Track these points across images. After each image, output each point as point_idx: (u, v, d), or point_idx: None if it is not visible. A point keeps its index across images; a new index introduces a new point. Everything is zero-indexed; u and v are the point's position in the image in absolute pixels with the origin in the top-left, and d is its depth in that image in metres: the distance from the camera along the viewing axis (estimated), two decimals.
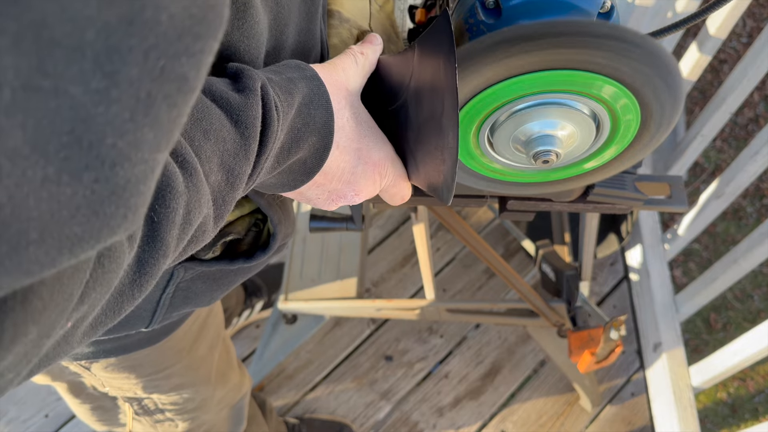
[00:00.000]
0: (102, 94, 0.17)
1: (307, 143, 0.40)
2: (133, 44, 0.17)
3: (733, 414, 1.43)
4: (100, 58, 0.17)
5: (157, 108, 0.19)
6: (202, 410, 0.79)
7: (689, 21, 0.50)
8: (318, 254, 1.28)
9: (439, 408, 1.37)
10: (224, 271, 0.52)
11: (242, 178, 0.34)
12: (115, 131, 0.18)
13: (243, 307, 1.39)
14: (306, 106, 0.40)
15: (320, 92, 0.41)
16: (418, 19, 0.60)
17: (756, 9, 2.10)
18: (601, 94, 0.42)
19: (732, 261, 1.15)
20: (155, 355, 0.63)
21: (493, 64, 0.39)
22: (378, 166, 0.46)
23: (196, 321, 0.67)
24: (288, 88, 0.38)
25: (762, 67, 1.06)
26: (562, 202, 0.66)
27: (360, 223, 0.77)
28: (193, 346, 0.69)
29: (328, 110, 0.41)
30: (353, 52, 0.46)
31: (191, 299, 0.53)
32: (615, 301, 1.52)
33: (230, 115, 0.33)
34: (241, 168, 0.34)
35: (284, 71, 0.40)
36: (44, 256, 0.17)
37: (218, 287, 0.54)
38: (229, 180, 0.33)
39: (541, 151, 0.44)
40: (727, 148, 1.85)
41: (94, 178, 0.18)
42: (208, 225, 0.33)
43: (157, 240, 0.28)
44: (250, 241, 0.52)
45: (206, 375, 0.75)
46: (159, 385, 0.69)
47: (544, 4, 0.43)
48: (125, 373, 0.64)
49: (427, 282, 1.09)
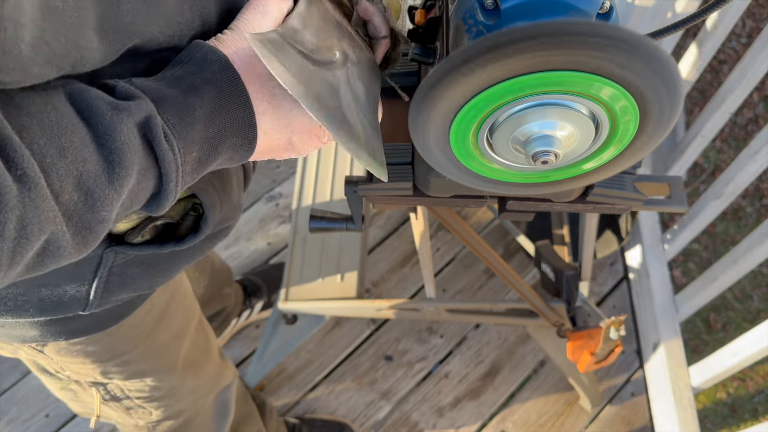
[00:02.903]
0: None
1: (227, 145, 0.40)
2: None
3: (733, 414, 1.43)
4: None
5: None
6: (174, 399, 0.79)
7: (689, 21, 0.50)
8: (318, 254, 1.28)
9: (439, 408, 1.37)
10: (158, 256, 0.52)
11: (104, 201, 0.34)
12: None
13: (242, 308, 1.39)
14: (218, 111, 0.39)
15: (234, 88, 0.39)
16: (417, 20, 0.60)
17: (756, 9, 2.10)
18: (600, 95, 0.42)
19: (731, 261, 1.15)
20: (107, 340, 0.63)
21: (492, 65, 0.40)
22: (313, 130, 0.46)
23: (153, 309, 0.67)
24: (186, 104, 0.37)
25: (761, 68, 1.06)
26: (562, 203, 0.66)
27: (360, 223, 0.77)
28: (151, 334, 0.68)
29: (246, 105, 0.40)
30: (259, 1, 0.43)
31: (128, 284, 0.53)
32: (615, 301, 1.52)
33: (96, 138, 0.33)
34: (102, 191, 0.33)
35: (186, 75, 0.38)
36: None
37: (156, 273, 0.54)
38: (87, 201, 0.33)
39: (540, 151, 0.44)
40: (726, 149, 1.85)
41: None
42: (62, 242, 0.33)
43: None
44: (189, 226, 0.52)
45: (169, 363, 0.74)
46: (117, 371, 0.69)
47: (543, 4, 0.43)
48: (79, 357, 0.64)
49: (427, 282, 1.09)
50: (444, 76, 0.41)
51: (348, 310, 1.24)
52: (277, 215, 1.62)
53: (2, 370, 1.38)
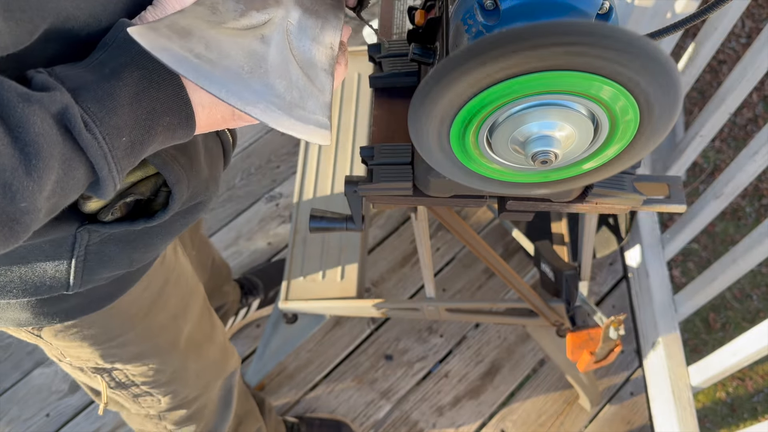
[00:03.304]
0: None
1: (161, 125, 0.39)
2: None
3: (732, 413, 1.43)
4: None
5: None
6: (179, 383, 0.78)
7: (688, 21, 0.50)
8: (318, 254, 1.28)
9: (439, 407, 1.38)
10: (134, 233, 0.52)
11: (23, 192, 0.34)
12: None
13: (239, 306, 1.39)
14: (144, 92, 0.38)
15: (158, 66, 0.38)
16: (417, 21, 0.61)
17: (755, 9, 2.10)
18: (600, 96, 0.42)
19: (731, 261, 1.15)
20: (103, 321, 0.63)
21: (492, 65, 0.40)
22: None
23: (148, 289, 0.67)
24: (108, 90, 0.37)
25: (761, 68, 1.07)
26: (561, 202, 0.66)
27: (360, 223, 0.78)
28: (148, 314, 0.68)
29: (175, 83, 0.39)
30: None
31: (107, 263, 0.53)
32: (614, 301, 1.52)
33: (9, 130, 0.33)
34: (21, 184, 0.34)
35: (108, 60, 0.38)
36: None
37: (134, 249, 0.54)
38: (7, 195, 0.33)
39: (540, 151, 0.44)
40: (726, 149, 1.85)
41: None
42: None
43: None
44: (163, 202, 0.52)
45: (169, 344, 0.74)
46: (116, 353, 0.68)
47: (542, 5, 0.43)
48: (77, 341, 0.64)
49: (427, 282, 1.09)
50: (444, 76, 0.41)
51: (348, 310, 1.25)
52: (277, 215, 1.62)
53: (3, 370, 1.38)
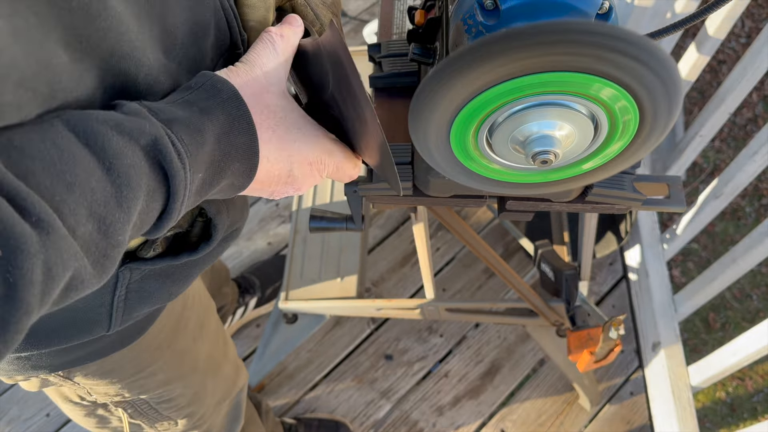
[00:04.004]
0: None
1: (230, 170, 0.40)
2: None
3: (732, 413, 1.43)
4: None
5: None
6: (197, 404, 0.78)
7: (688, 21, 0.50)
8: (318, 254, 1.28)
9: (439, 407, 1.38)
10: (174, 267, 0.52)
11: (116, 225, 0.34)
12: None
13: (236, 306, 1.39)
14: (225, 136, 0.39)
15: (241, 115, 0.40)
16: (417, 21, 0.61)
17: (755, 9, 2.10)
18: (600, 96, 0.42)
19: (731, 261, 1.15)
20: (133, 355, 0.63)
21: (492, 66, 0.40)
22: (314, 163, 0.46)
23: (171, 316, 0.66)
24: (197, 126, 0.37)
25: (760, 68, 1.07)
26: (561, 202, 0.66)
27: (360, 223, 0.78)
28: (173, 341, 0.68)
29: (251, 132, 0.40)
30: (270, 37, 0.44)
31: (147, 298, 0.53)
32: (614, 301, 1.52)
33: (102, 162, 0.33)
34: (114, 216, 0.33)
35: (197, 99, 0.38)
36: None
37: (173, 283, 0.54)
38: (101, 228, 0.33)
39: (540, 151, 0.44)
40: (725, 149, 1.85)
41: None
42: (85, 275, 0.33)
43: (16, 300, 0.28)
44: (198, 233, 0.51)
45: (192, 366, 0.74)
46: (144, 384, 0.68)
47: (542, 5, 0.43)
48: (107, 378, 0.64)
49: (427, 282, 1.09)
50: (444, 76, 0.41)
51: (348, 310, 1.25)
52: (277, 215, 1.62)
53: None
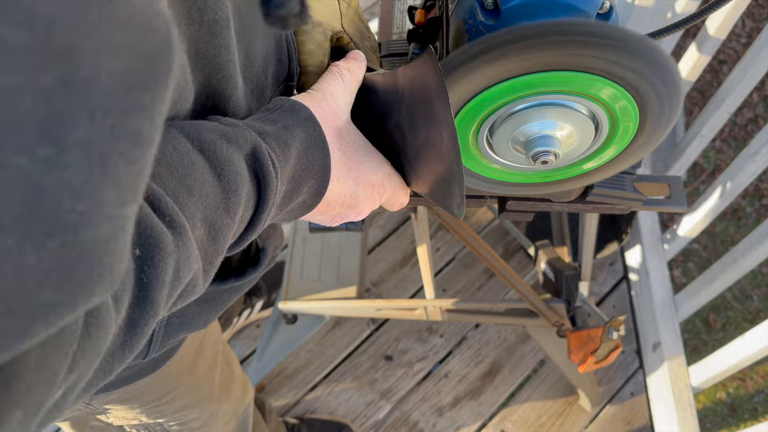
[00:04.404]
0: (51, 161, 0.17)
1: (305, 187, 0.41)
2: (76, 107, 0.17)
3: (733, 414, 1.43)
4: (44, 125, 0.16)
5: (114, 166, 0.19)
6: (209, 426, 0.79)
7: (689, 21, 0.50)
8: (318, 254, 1.28)
9: (439, 408, 1.38)
10: (217, 292, 0.52)
11: (224, 231, 0.34)
12: (72, 195, 0.18)
13: (243, 307, 1.39)
14: (304, 152, 0.40)
15: (316, 134, 0.41)
16: (417, 20, 0.61)
17: (755, 9, 2.10)
18: (600, 95, 0.42)
19: (731, 261, 1.15)
20: (156, 382, 0.63)
21: (492, 66, 0.40)
22: (377, 186, 0.47)
23: (193, 343, 0.67)
24: (284, 140, 0.39)
25: (761, 68, 1.07)
26: (562, 203, 0.66)
27: (360, 223, 0.77)
28: (193, 367, 0.68)
29: (325, 151, 0.42)
30: (339, 70, 0.46)
31: (186, 324, 0.53)
32: (614, 301, 1.52)
33: (214, 168, 0.33)
34: (222, 221, 0.34)
35: (279, 118, 0.40)
36: (16, 328, 0.17)
37: (212, 308, 0.54)
38: (210, 233, 0.33)
39: (540, 151, 0.44)
40: (726, 149, 1.85)
41: (59, 243, 0.18)
42: (198, 280, 0.33)
43: (147, 301, 0.28)
44: (239, 257, 0.52)
45: (209, 393, 0.75)
46: (163, 410, 0.68)
47: (543, 5, 0.43)
48: (129, 404, 0.64)
49: (427, 282, 1.09)
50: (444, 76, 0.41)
51: (348, 310, 1.24)
52: None
53: None
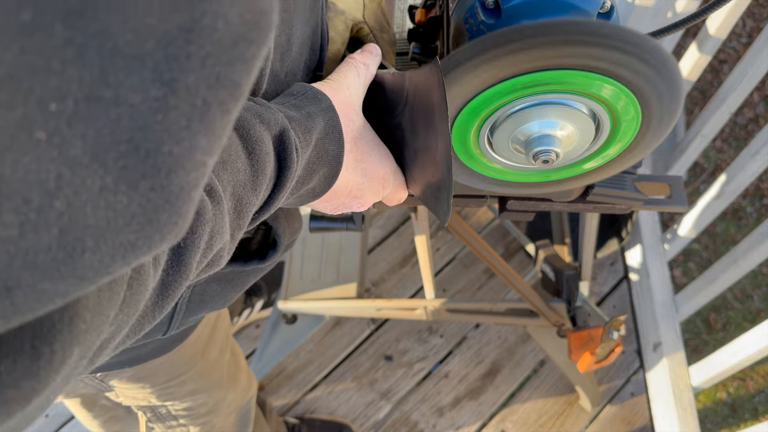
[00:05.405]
0: (161, 102, 0.17)
1: (318, 174, 0.42)
2: (191, 52, 0.17)
3: (733, 414, 1.43)
4: (159, 67, 0.17)
5: (212, 115, 0.19)
6: (214, 414, 0.79)
7: (689, 21, 0.50)
8: (318, 254, 1.28)
9: (439, 408, 1.37)
10: (237, 272, 0.53)
11: (249, 208, 0.35)
12: (172, 138, 0.18)
13: (243, 307, 1.39)
14: (322, 140, 0.41)
15: (334, 124, 0.42)
16: (417, 19, 0.60)
17: (756, 9, 2.10)
18: (601, 94, 0.42)
19: (732, 261, 1.15)
20: (169, 363, 0.63)
21: (493, 65, 0.40)
22: (382, 179, 0.48)
23: (207, 325, 0.67)
24: (307, 126, 0.39)
25: (762, 67, 1.06)
26: (562, 202, 0.66)
27: (360, 223, 0.77)
28: (205, 350, 0.69)
29: (340, 142, 0.42)
30: (356, 63, 0.46)
31: (207, 302, 0.53)
32: (615, 301, 1.52)
33: (246, 146, 0.34)
34: (248, 198, 0.34)
35: (303, 104, 0.41)
36: (98, 263, 0.18)
37: (233, 288, 0.55)
38: (236, 208, 0.34)
39: (541, 150, 0.44)
40: (727, 148, 1.85)
41: (150, 186, 0.18)
42: (225, 252, 0.34)
43: (181, 264, 0.28)
44: (260, 240, 0.52)
45: (219, 378, 0.75)
46: (173, 392, 0.69)
47: (543, 4, 0.43)
48: (140, 383, 0.64)
49: (427, 282, 1.09)
50: (444, 76, 0.40)
51: (348, 310, 1.24)
52: None
53: None
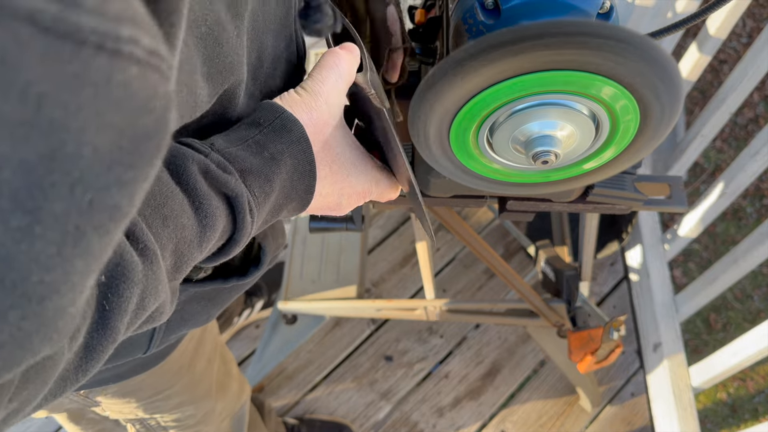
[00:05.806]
0: (24, 232, 0.17)
1: (286, 210, 0.41)
2: (56, 180, 0.17)
3: (733, 414, 1.43)
4: (19, 196, 0.16)
5: (88, 239, 0.18)
6: (204, 423, 0.79)
7: (689, 21, 0.50)
8: (318, 254, 1.28)
9: (439, 408, 1.37)
10: (219, 290, 0.52)
11: (189, 263, 0.34)
12: (41, 267, 0.17)
13: (243, 307, 1.39)
14: (289, 181, 0.39)
15: (305, 158, 0.39)
16: (417, 20, 0.60)
17: (756, 9, 2.10)
18: (601, 95, 0.42)
19: (732, 261, 1.15)
20: (154, 378, 0.63)
21: (492, 65, 0.39)
22: (362, 193, 0.47)
23: (192, 339, 0.67)
24: (268, 176, 0.37)
25: (762, 67, 1.06)
26: (562, 203, 0.66)
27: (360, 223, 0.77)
28: (191, 363, 0.69)
29: (312, 176, 0.40)
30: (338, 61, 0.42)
31: (188, 320, 0.53)
32: (615, 301, 1.52)
33: (193, 202, 0.33)
34: (191, 254, 0.33)
35: (269, 141, 0.37)
36: None
37: (213, 306, 0.54)
38: (176, 264, 0.33)
39: (541, 151, 0.44)
40: (727, 149, 1.85)
41: (20, 316, 0.17)
42: (165, 308, 0.33)
43: (107, 328, 0.27)
44: (241, 256, 0.52)
45: (206, 390, 0.75)
46: (160, 406, 0.69)
47: (543, 4, 0.43)
48: (125, 398, 0.64)
49: (427, 282, 1.09)
50: (444, 75, 0.40)
51: (348, 310, 1.24)
52: None
53: None
